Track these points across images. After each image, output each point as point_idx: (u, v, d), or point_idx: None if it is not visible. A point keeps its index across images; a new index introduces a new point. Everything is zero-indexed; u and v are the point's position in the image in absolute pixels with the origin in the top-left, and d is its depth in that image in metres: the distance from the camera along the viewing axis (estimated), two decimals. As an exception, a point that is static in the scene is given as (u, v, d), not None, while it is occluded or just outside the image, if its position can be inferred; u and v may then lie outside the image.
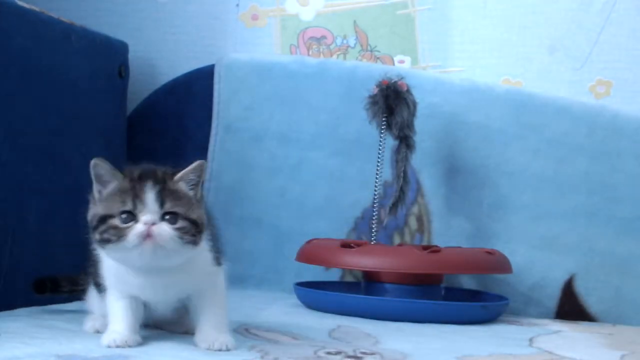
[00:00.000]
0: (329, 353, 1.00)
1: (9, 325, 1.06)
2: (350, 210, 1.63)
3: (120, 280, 0.93)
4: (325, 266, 1.55)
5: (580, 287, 1.56)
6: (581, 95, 1.64)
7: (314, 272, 1.56)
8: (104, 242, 0.87)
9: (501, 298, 1.47)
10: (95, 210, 0.89)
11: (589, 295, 1.56)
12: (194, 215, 0.89)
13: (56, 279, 1.16)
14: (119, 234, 0.86)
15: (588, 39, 1.65)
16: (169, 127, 1.72)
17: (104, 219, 0.87)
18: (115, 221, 0.87)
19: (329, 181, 1.65)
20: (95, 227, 0.88)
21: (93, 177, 0.90)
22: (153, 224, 0.87)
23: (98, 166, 0.90)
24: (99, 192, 0.90)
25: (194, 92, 1.72)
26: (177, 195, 0.89)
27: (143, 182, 0.89)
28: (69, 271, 1.33)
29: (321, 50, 1.74)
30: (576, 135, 1.58)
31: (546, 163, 1.59)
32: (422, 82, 1.60)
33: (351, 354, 1.00)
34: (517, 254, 1.53)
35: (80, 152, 1.48)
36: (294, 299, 1.45)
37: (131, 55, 1.66)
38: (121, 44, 1.63)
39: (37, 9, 1.36)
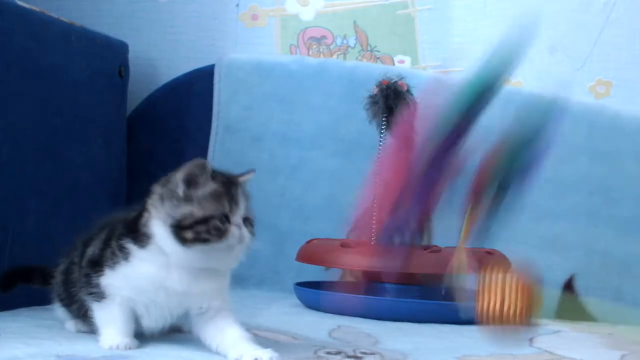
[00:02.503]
0: (329, 353, 1.00)
1: (9, 325, 1.06)
2: (350, 210, 1.63)
3: (145, 287, 0.92)
4: (325, 266, 1.55)
5: (580, 287, 1.56)
6: (581, 95, 1.64)
7: (314, 272, 1.56)
8: (201, 241, 0.88)
9: (501, 298, 1.47)
10: (184, 210, 0.89)
11: (589, 295, 1.56)
12: (254, 219, 0.94)
13: (27, 269, 1.15)
14: (220, 235, 0.88)
15: (588, 39, 1.65)
16: (169, 127, 1.72)
17: (205, 220, 0.88)
18: (217, 222, 0.88)
19: (329, 181, 1.65)
20: (189, 227, 0.88)
21: (182, 178, 0.90)
22: (240, 226, 0.91)
23: (199, 167, 0.90)
24: (185, 193, 0.89)
25: (194, 92, 1.72)
26: (249, 200, 0.95)
27: (234, 187, 0.92)
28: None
29: (321, 50, 1.74)
30: (576, 136, 1.59)
31: (546, 163, 1.59)
32: (422, 82, 1.60)
33: (351, 354, 1.00)
34: (517, 254, 1.53)
35: (80, 152, 1.48)
36: (294, 299, 1.45)
37: (131, 55, 1.66)
38: (121, 44, 1.63)
39: (37, 9, 1.36)
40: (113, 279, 0.92)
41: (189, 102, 1.72)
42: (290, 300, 1.45)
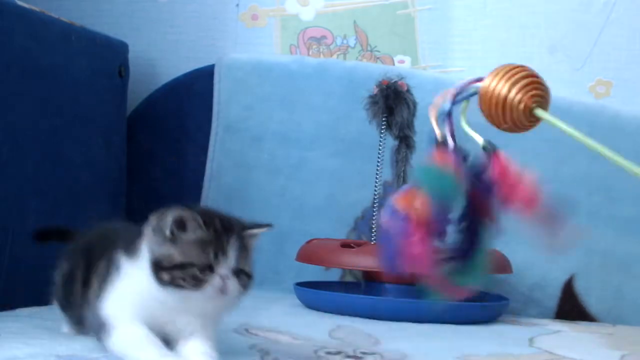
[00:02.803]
0: (329, 353, 1.00)
1: (9, 325, 1.06)
2: (350, 210, 1.63)
3: (149, 307, 0.89)
4: (325, 266, 1.55)
5: (580, 287, 1.56)
6: (581, 95, 1.64)
7: (314, 272, 1.56)
8: (175, 286, 0.85)
9: (501, 298, 1.47)
10: (167, 251, 0.86)
11: (589, 295, 1.56)
12: (251, 271, 0.90)
13: (66, 230, 1.12)
14: (197, 285, 0.85)
15: (588, 39, 1.65)
16: (169, 127, 1.72)
17: (183, 266, 0.85)
18: (195, 271, 0.85)
19: (329, 181, 1.65)
20: (167, 269, 0.85)
21: (171, 220, 0.86)
22: (227, 278, 0.87)
23: (185, 217, 0.86)
24: (173, 234, 0.86)
25: (194, 92, 1.72)
26: (247, 252, 0.90)
27: (226, 236, 0.88)
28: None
29: (321, 50, 1.74)
30: (576, 135, 1.58)
31: (546, 163, 1.59)
32: (422, 82, 1.60)
33: (351, 354, 1.00)
34: (517, 254, 1.53)
35: (80, 152, 1.48)
36: (294, 299, 1.45)
37: (131, 55, 1.66)
38: (121, 44, 1.63)
39: (37, 9, 1.36)
40: (115, 301, 0.89)
41: (189, 102, 1.72)
42: (290, 300, 1.45)
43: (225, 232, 0.88)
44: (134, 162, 1.68)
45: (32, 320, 1.10)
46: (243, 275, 0.88)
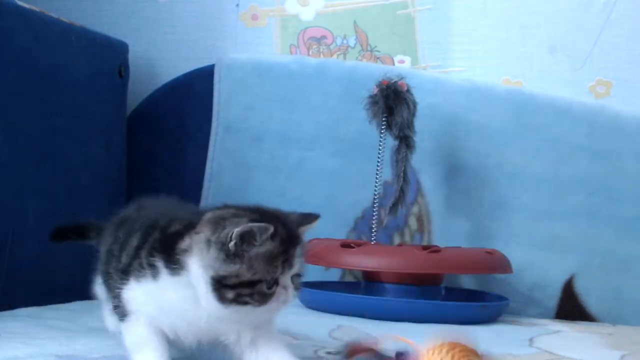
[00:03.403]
0: (329, 353, 1.00)
1: (9, 325, 1.06)
2: (350, 210, 1.63)
3: (168, 312, 0.83)
4: (325, 266, 1.55)
5: (580, 287, 1.56)
6: (581, 95, 1.64)
7: (314, 272, 1.56)
8: (240, 303, 0.79)
9: (501, 298, 1.47)
10: (231, 268, 0.78)
11: (589, 295, 1.56)
12: (303, 271, 0.85)
13: (84, 225, 1.08)
14: (264, 300, 0.79)
15: (588, 39, 1.65)
16: (169, 127, 1.72)
17: (251, 283, 0.78)
18: (263, 287, 0.79)
19: (329, 181, 1.65)
20: (231, 287, 0.78)
21: (237, 235, 0.77)
22: (287, 287, 0.82)
23: (262, 230, 0.78)
24: (237, 249, 0.78)
25: (194, 92, 1.72)
26: (304, 251, 0.84)
27: (293, 247, 0.81)
28: (68, 271, 1.33)
29: (321, 50, 1.74)
30: (576, 135, 1.59)
31: (546, 163, 1.59)
32: (422, 82, 1.60)
33: (351, 354, 1.00)
34: (517, 254, 1.53)
35: (80, 152, 1.48)
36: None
37: (131, 55, 1.66)
38: (121, 44, 1.63)
39: (37, 9, 1.36)
40: (136, 292, 0.83)
41: (189, 102, 1.72)
42: (290, 300, 1.45)
43: (291, 241, 0.81)
44: (134, 162, 1.68)
45: (32, 320, 1.10)
46: (297, 277, 0.83)
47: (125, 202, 1.63)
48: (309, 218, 0.87)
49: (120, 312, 0.85)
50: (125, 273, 0.84)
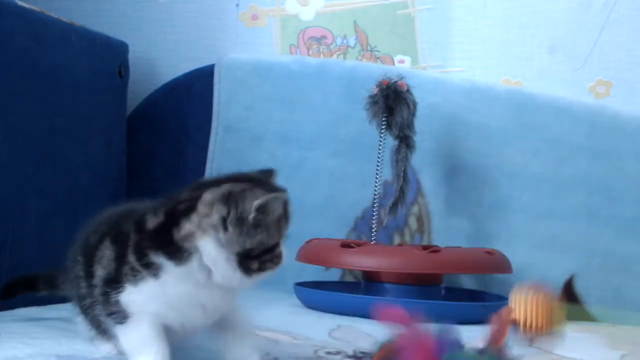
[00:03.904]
0: (329, 353, 1.00)
1: (9, 325, 1.06)
2: (350, 210, 1.63)
3: (178, 305, 0.83)
4: (325, 266, 1.55)
5: (580, 287, 1.56)
6: (581, 95, 1.64)
7: (314, 272, 1.56)
8: (263, 270, 0.82)
9: (501, 298, 1.47)
10: (255, 239, 0.80)
11: (589, 295, 1.56)
12: None
13: (31, 277, 1.08)
14: (279, 261, 0.84)
15: (588, 39, 1.65)
16: (169, 127, 1.72)
17: (273, 247, 0.82)
18: (279, 248, 0.83)
19: (329, 181, 1.65)
20: (257, 257, 0.81)
21: (257, 206, 0.80)
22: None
23: (277, 200, 0.83)
24: (256, 219, 0.80)
25: (194, 92, 1.72)
26: None
27: (288, 205, 0.86)
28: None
29: (321, 50, 1.74)
30: (576, 135, 1.59)
31: (546, 163, 1.59)
32: (422, 82, 1.60)
33: (351, 354, 1.00)
34: (517, 254, 1.53)
35: (80, 152, 1.48)
36: (294, 299, 1.45)
37: (131, 55, 1.66)
38: (121, 44, 1.64)
39: (37, 9, 1.36)
40: (136, 295, 0.82)
41: (189, 102, 1.72)
42: (290, 300, 1.45)
43: (287, 202, 0.86)
44: (134, 162, 1.68)
45: (32, 320, 1.10)
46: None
47: (125, 202, 1.64)
48: (269, 174, 0.92)
49: (119, 316, 0.84)
50: (115, 281, 0.83)
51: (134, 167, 1.68)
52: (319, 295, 1.42)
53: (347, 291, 1.48)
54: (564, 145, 1.59)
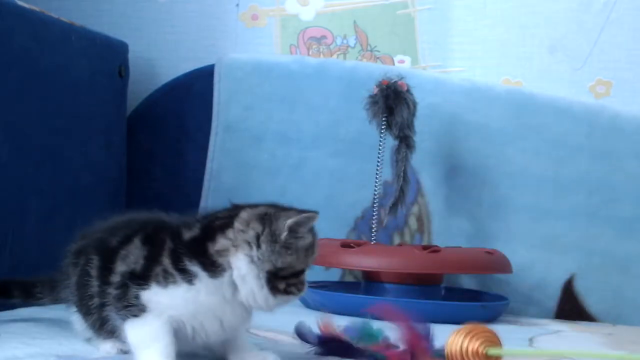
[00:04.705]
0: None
1: (9, 325, 1.06)
2: (350, 210, 1.63)
3: (202, 315, 0.85)
4: (325, 266, 1.55)
5: (580, 287, 1.56)
6: (581, 95, 1.64)
7: (314, 272, 1.55)
8: (288, 293, 0.85)
9: (501, 298, 1.47)
10: (287, 260, 0.84)
11: (589, 295, 1.56)
12: None
13: (5, 283, 1.09)
14: (303, 288, 0.87)
15: (588, 39, 1.65)
16: (169, 127, 1.72)
17: (298, 274, 0.86)
18: (304, 276, 0.87)
19: (329, 181, 1.65)
20: (285, 278, 0.84)
21: (291, 225, 0.84)
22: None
23: (309, 219, 0.87)
24: (287, 241, 0.84)
25: (194, 92, 1.72)
26: None
27: (316, 237, 0.89)
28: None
29: (321, 50, 1.74)
30: (576, 135, 1.59)
31: (546, 163, 1.59)
32: (422, 82, 1.60)
33: (351, 354, 1.00)
34: (517, 254, 1.53)
35: (80, 152, 1.48)
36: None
37: (131, 55, 1.66)
38: (121, 44, 1.64)
39: (37, 9, 1.36)
40: (161, 297, 0.83)
41: (189, 102, 1.72)
42: (290, 300, 1.45)
43: (315, 235, 0.89)
44: (134, 162, 1.69)
45: (32, 321, 1.10)
46: None
47: (125, 202, 1.65)
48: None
49: (132, 310, 0.84)
50: (142, 278, 0.84)
51: (134, 167, 1.68)
52: (319, 295, 1.42)
53: (347, 291, 1.48)
54: (564, 145, 1.59)
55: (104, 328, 0.91)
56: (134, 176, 1.68)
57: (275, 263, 0.83)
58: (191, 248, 0.84)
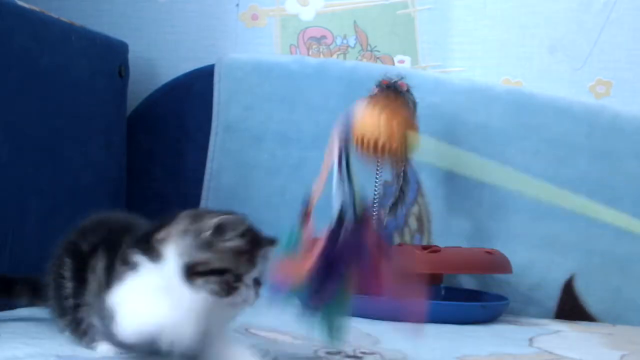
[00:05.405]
0: (329, 353, 1.00)
1: (9, 325, 1.06)
2: (350, 210, 1.63)
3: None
4: (325, 266, 1.55)
5: (580, 287, 1.56)
6: (581, 95, 1.64)
7: (314, 272, 1.56)
8: (210, 292, 0.86)
9: (501, 298, 1.47)
10: (203, 256, 0.86)
11: (589, 295, 1.56)
12: (263, 280, 0.91)
13: (8, 279, 1.11)
14: (229, 291, 0.86)
15: (588, 39, 1.65)
16: (169, 127, 1.72)
17: (220, 272, 0.86)
18: (230, 278, 0.87)
19: (329, 181, 1.64)
20: (202, 274, 0.86)
21: (213, 225, 0.86)
22: (249, 287, 0.88)
23: (237, 222, 0.88)
24: (210, 239, 0.86)
25: (194, 92, 1.72)
26: (266, 264, 0.91)
27: (258, 249, 0.89)
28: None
29: (321, 50, 1.74)
30: (576, 135, 1.59)
31: (546, 163, 1.59)
32: (422, 82, 1.60)
33: (351, 354, 1.00)
34: (517, 254, 1.53)
35: (80, 152, 1.48)
36: (294, 299, 1.44)
37: (131, 55, 1.66)
38: (121, 44, 1.64)
39: (37, 9, 1.36)
40: (120, 295, 0.88)
41: (189, 102, 1.72)
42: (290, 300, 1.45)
43: (257, 243, 0.89)
44: (134, 162, 1.68)
45: (32, 320, 1.10)
46: (257, 284, 0.89)
47: (125, 202, 1.65)
48: (270, 240, 0.92)
49: (112, 317, 0.87)
50: (107, 285, 0.90)
51: (134, 167, 1.68)
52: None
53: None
54: (564, 145, 1.59)
55: (79, 329, 0.95)
56: (134, 176, 1.68)
57: (191, 257, 0.85)
58: (138, 241, 0.89)
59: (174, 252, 0.86)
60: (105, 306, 0.88)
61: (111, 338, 0.90)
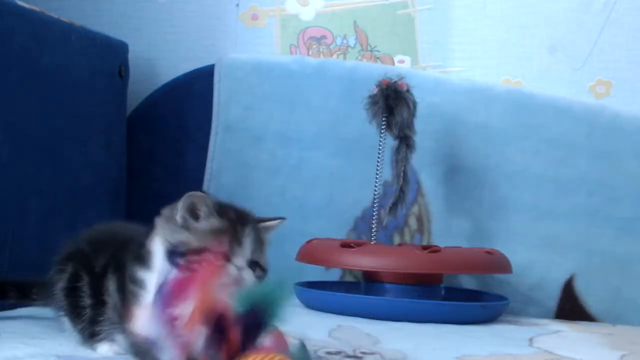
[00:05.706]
0: (329, 353, 1.00)
1: (9, 325, 1.06)
2: (350, 210, 1.63)
3: None
4: (325, 266, 1.55)
5: (580, 287, 1.56)
6: (581, 95, 1.64)
7: (314, 272, 1.56)
8: (192, 272, 0.85)
9: (501, 298, 1.47)
10: (182, 237, 0.86)
11: (589, 295, 1.56)
12: (267, 266, 0.91)
13: (1, 283, 1.11)
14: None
15: (588, 39, 1.65)
16: (169, 127, 1.73)
17: (200, 251, 0.86)
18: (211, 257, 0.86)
19: (329, 181, 1.65)
20: (183, 255, 0.85)
21: (184, 207, 0.87)
22: (242, 268, 0.87)
23: (197, 203, 0.87)
24: (186, 221, 0.87)
25: (194, 92, 1.72)
26: (262, 245, 0.91)
27: (241, 226, 0.88)
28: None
29: (321, 50, 1.74)
30: (576, 135, 1.59)
31: (546, 163, 1.59)
32: (422, 82, 1.60)
33: (351, 354, 1.00)
34: (517, 254, 1.53)
35: (80, 152, 1.48)
36: (294, 299, 1.45)
37: (131, 55, 1.66)
38: (121, 44, 1.64)
39: (37, 9, 1.36)
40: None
41: (189, 102, 1.72)
42: (290, 300, 1.45)
43: (239, 222, 0.88)
44: (134, 162, 1.69)
45: (32, 320, 1.10)
46: (258, 268, 0.88)
47: (125, 202, 1.65)
48: (272, 218, 0.94)
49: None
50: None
51: (134, 167, 1.68)
52: (319, 295, 1.42)
53: (347, 291, 1.48)
54: (564, 145, 1.59)
55: (94, 336, 0.94)
56: (134, 176, 1.68)
57: (170, 240, 0.86)
58: (136, 257, 0.89)
59: (159, 244, 0.87)
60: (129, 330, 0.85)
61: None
